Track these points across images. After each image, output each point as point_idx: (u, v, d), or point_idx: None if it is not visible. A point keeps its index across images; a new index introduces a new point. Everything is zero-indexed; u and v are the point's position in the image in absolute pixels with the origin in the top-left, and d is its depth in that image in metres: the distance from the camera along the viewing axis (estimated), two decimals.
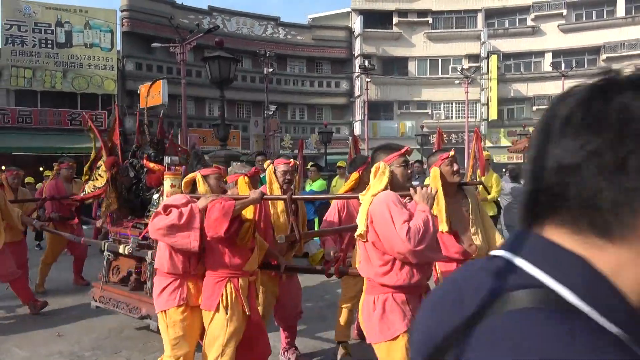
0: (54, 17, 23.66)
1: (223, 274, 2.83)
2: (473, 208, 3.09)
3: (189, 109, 25.58)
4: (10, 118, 22.57)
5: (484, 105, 31.01)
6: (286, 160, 3.76)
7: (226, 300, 2.77)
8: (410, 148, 2.94)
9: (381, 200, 2.30)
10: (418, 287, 2.36)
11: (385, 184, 2.41)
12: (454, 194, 3.07)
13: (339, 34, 31.88)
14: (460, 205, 3.09)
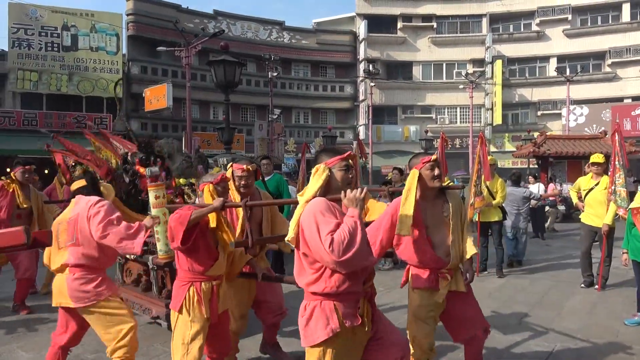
0: (60, 20, 23.83)
1: (187, 278, 2.97)
2: (454, 214, 3.02)
3: (194, 112, 25.66)
4: (15, 121, 22.69)
5: (488, 110, 30.96)
6: (241, 166, 3.69)
7: (188, 303, 2.91)
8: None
9: (309, 211, 2.27)
10: (351, 294, 2.29)
11: (321, 184, 2.38)
12: (433, 198, 3.04)
13: (344, 38, 31.95)
14: (441, 210, 3.03)
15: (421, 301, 3.08)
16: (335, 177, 2.44)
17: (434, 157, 3.00)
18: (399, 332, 2.60)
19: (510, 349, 4.23)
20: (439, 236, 3.01)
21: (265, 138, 22.78)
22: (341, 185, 2.43)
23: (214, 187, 3.17)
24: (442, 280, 3.02)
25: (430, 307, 3.06)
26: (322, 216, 2.21)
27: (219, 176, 3.26)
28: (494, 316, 5.18)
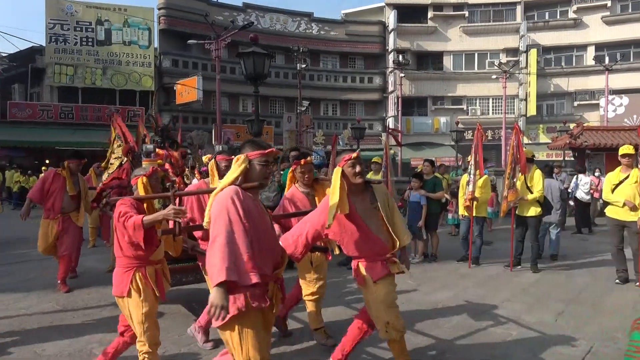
0: (94, 15, 24.38)
1: (131, 265, 3.16)
2: (382, 205, 3.20)
3: (223, 104, 25.89)
4: (53, 114, 23.43)
5: (522, 101, 30.14)
6: (225, 157, 4.08)
7: (137, 287, 3.12)
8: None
9: (221, 198, 2.41)
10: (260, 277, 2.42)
11: (238, 174, 2.50)
12: (360, 193, 3.21)
13: (373, 29, 31.58)
14: (369, 202, 3.21)
15: (387, 288, 3.19)
16: (254, 169, 2.55)
17: (354, 155, 3.17)
18: None
19: (546, 346, 4.10)
20: (374, 226, 3.19)
21: (293, 130, 22.81)
22: (258, 179, 2.55)
23: (147, 179, 3.37)
24: (391, 265, 3.23)
25: (393, 291, 3.24)
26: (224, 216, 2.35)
27: (150, 169, 3.49)
28: (528, 312, 5.04)
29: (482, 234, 7.55)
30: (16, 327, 4.62)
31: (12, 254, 8.61)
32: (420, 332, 4.45)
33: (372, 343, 4.06)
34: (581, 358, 3.85)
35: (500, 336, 4.34)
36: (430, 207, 7.74)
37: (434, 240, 7.91)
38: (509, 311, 5.08)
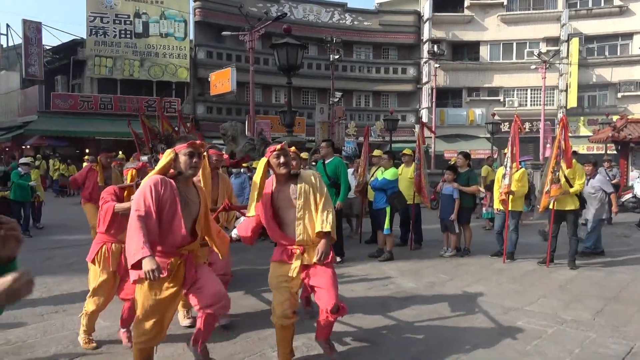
0: (132, 8, 24.94)
1: (102, 240, 3.82)
2: (300, 195, 3.34)
3: (256, 96, 26.10)
4: (93, 105, 24.19)
5: (562, 92, 29.13)
6: (216, 151, 4.66)
7: (100, 258, 3.78)
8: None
9: (144, 184, 2.96)
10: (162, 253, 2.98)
11: (164, 164, 3.00)
12: (284, 183, 3.40)
13: (407, 18, 31.10)
14: (289, 193, 3.37)
15: (273, 272, 3.45)
16: (179, 160, 3.02)
17: (279, 147, 3.36)
18: (220, 290, 3.16)
19: (582, 345, 3.99)
20: (289, 216, 3.37)
21: (326, 121, 22.77)
22: (185, 168, 3.02)
23: (136, 172, 3.97)
24: (294, 255, 3.37)
25: (280, 277, 3.38)
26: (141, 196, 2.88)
27: (139, 164, 4.21)
28: (565, 310, 4.91)
29: (517, 228, 7.38)
30: (59, 307, 4.84)
31: (52, 239, 8.99)
32: (451, 326, 4.41)
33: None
34: (621, 358, 3.72)
35: (535, 333, 4.25)
36: (464, 200, 7.61)
37: (466, 234, 7.78)
38: (544, 308, 4.96)
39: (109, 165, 6.78)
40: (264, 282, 3.78)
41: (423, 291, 5.59)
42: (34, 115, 23.86)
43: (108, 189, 3.92)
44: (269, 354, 3.78)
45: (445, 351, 3.85)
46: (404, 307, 5.00)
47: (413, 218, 8.09)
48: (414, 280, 6.08)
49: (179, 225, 2.98)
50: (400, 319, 4.61)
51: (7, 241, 1.35)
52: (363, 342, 4.04)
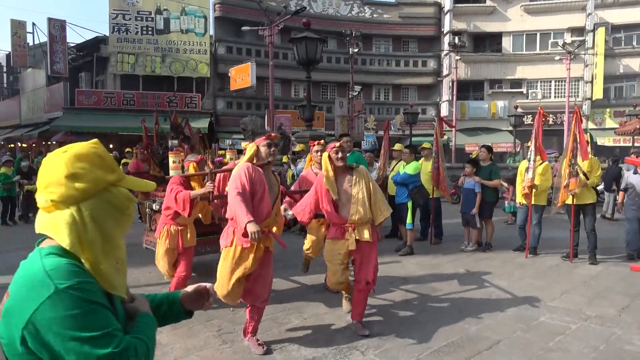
0: (153, 5, 25.20)
1: (165, 222, 4.62)
2: (355, 183, 4.07)
3: (276, 90, 26.14)
4: (116, 101, 24.58)
5: (587, 83, 28.40)
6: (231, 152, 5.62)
7: (162, 237, 4.58)
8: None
9: (236, 170, 3.69)
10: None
11: (250, 155, 3.76)
12: (341, 173, 4.13)
13: (428, 10, 30.67)
14: (347, 182, 4.09)
15: (328, 247, 4.22)
16: (260, 151, 3.80)
17: (338, 144, 4.12)
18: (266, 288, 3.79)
19: (607, 341, 3.92)
20: (345, 199, 4.08)
21: (345, 115, 22.71)
22: (265, 157, 3.79)
23: (196, 164, 4.83)
24: (346, 232, 4.07)
25: (334, 251, 4.14)
26: (236, 181, 3.56)
27: (199, 157, 4.99)
28: (589, 306, 4.83)
29: (540, 222, 7.27)
30: None
31: None
32: (473, 322, 4.38)
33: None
34: None
35: (558, 329, 4.19)
36: (486, 194, 7.52)
37: (488, 229, 7.69)
38: (567, 303, 4.89)
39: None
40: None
41: (444, 286, 5.56)
42: (59, 111, 24.37)
43: (174, 178, 4.56)
44: (289, 347, 3.82)
45: (468, 346, 3.83)
46: (425, 302, 4.99)
47: (433, 212, 8.03)
48: (434, 276, 6.05)
49: (267, 202, 3.68)
50: (421, 315, 4.60)
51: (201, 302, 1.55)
52: (384, 337, 4.05)
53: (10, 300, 1.07)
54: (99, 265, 1.14)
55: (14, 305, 1.05)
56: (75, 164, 1.15)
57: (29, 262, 1.11)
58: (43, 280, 1.05)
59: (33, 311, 1.02)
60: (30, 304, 1.03)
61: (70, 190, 1.13)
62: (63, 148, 1.19)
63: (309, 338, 4.01)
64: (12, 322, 1.04)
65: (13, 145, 28.32)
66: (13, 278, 1.10)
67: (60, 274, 1.06)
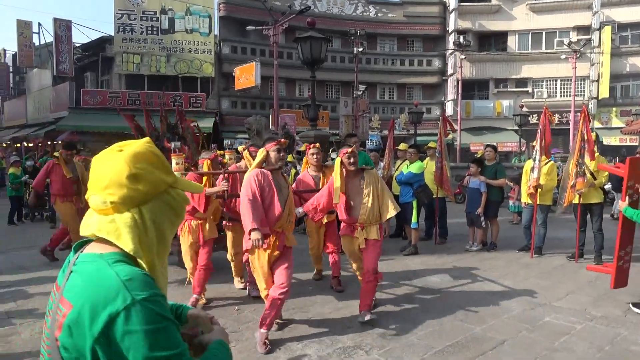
0: (158, 5, 25.26)
1: (185, 217, 4.45)
2: (366, 185, 4.39)
3: (280, 90, 26.16)
4: (121, 100, 24.66)
5: (593, 82, 28.24)
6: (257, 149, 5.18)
7: (183, 232, 4.86)
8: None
9: (247, 176, 3.98)
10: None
11: (259, 160, 4.05)
12: (353, 176, 4.44)
13: (432, 9, 30.59)
14: (358, 183, 4.41)
15: (345, 243, 4.65)
16: (270, 156, 4.08)
17: (350, 150, 4.41)
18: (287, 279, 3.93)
19: (614, 342, 3.90)
20: (357, 201, 4.41)
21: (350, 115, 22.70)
22: (275, 162, 4.08)
23: (210, 161, 5.06)
24: (356, 230, 4.45)
25: (351, 247, 4.57)
26: (247, 188, 3.86)
27: (212, 155, 5.17)
28: (594, 306, 4.81)
29: (546, 222, 7.23)
30: None
31: None
32: (478, 322, 4.37)
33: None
34: None
35: (563, 329, 4.18)
36: (491, 194, 7.50)
37: (493, 229, 7.67)
38: (573, 304, 4.87)
39: (70, 160, 7.12)
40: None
41: (448, 286, 5.55)
42: (64, 111, 24.49)
43: (189, 175, 4.74)
44: (293, 346, 3.83)
45: (472, 347, 3.82)
46: (429, 302, 4.98)
47: (437, 212, 8.01)
48: (438, 275, 6.04)
49: (277, 206, 3.96)
50: (425, 314, 4.59)
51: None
52: (388, 337, 4.05)
53: (76, 311, 0.97)
54: (154, 269, 1.10)
55: (82, 316, 0.96)
56: (135, 164, 1.09)
57: (95, 270, 1.02)
58: (119, 290, 0.97)
59: (106, 323, 0.95)
60: (104, 315, 0.95)
61: (132, 192, 1.08)
62: (116, 146, 1.13)
63: (313, 337, 4.02)
64: (81, 334, 0.96)
65: (19, 145, 28.48)
66: (69, 287, 1.01)
67: (136, 284, 0.99)
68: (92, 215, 1.11)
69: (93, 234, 1.09)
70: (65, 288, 1.02)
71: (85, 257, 1.06)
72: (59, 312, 1.00)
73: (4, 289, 5.51)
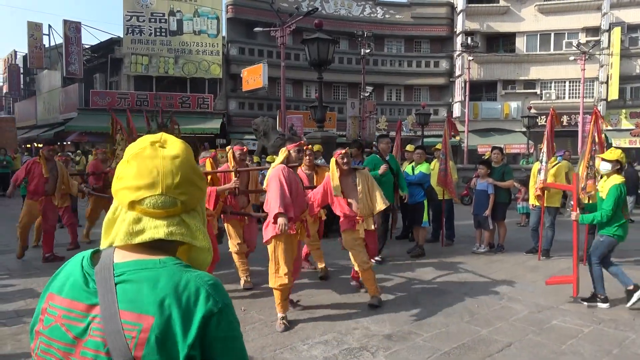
0: (167, 7, 25.42)
1: None
2: (360, 183, 4.91)
3: (287, 91, 26.23)
4: (130, 101, 24.84)
5: (602, 84, 28.02)
6: (241, 147, 5.61)
7: None
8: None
9: (274, 171, 4.32)
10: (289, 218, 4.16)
11: (282, 159, 4.45)
12: (347, 175, 4.94)
13: (440, 10, 30.53)
14: (352, 181, 4.93)
15: (347, 236, 4.97)
16: (291, 155, 4.50)
17: (344, 151, 4.92)
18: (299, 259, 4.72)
19: (623, 346, 3.88)
20: (352, 197, 4.93)
21: (357, 116, 22.71)
22: (295, 160, 4.54)
23: (212, 160, 5.44)
24: (357, 224, 4.91)
25: (353, 239, 4.92)
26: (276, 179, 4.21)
27: (213, 153, 5.46)
28: (602, 309, 4.77)
29: (554, 224, 7.19)
30: None
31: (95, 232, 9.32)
32: (485, 324, 4.35)
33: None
34: None
35: (570, 332, 4.15)
36: (499, 196, 7.46)
37: (501, 231, 7.64)
38: (581, 307, 4.84)
39: (51, 158, 7.14)
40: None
41: (455, 288, 5.54)
42: (74, 112, 24.71)
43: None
44: (299, 347, 3.83)
45: (479, 349, 3.81)
46: (436, 304, 4.97)
47: (443, 214, 7.99)
48: (445, 277, 6.02)
49: (302, 197, 4.57)
50: (432, 317, 4.58)
51: None
52: (394, 338, 4.05)
53: (162, 320, 0.89)
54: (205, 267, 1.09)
55: (173, 324, 0.89)
56: (194, 161, 1.06)
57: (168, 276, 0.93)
58: (207, 294, 0.92)
59: (201, 325, 0.89)
60: (197, 318, 0.90)
61: (199, 191, 1.04)
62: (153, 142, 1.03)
63: (319, 338, 4.02)
64: (174, 343, 0.88)
65: (30, 145, 28.77)
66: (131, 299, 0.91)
67: (220, 289, 0.95)
68: (139, 220, 0.99)
69: (152, 238, 0.98)
70: (124, 300, 0.91)
71: (137, 265, 0.96)
72: (131, 329, 0.89)
73: (14, 287, 5.57)
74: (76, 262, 1.01)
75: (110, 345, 0.88)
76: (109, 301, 0.91)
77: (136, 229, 0.98)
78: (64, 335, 0.93)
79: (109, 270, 0.95)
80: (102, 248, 1.02)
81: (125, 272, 0.94)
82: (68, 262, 1.04)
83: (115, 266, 0.96)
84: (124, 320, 0.89)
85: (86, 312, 0.93)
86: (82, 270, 0.98)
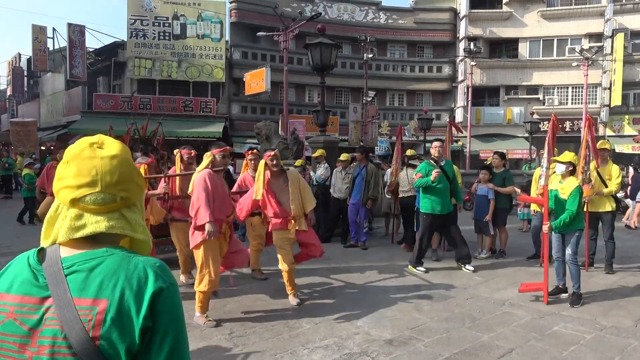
0: (171, 10, 25.53)
1: None
2: (291, 183, 5.04)
3: (290, 95, 26.26)
4: (133, 105, 24.89)
5: (605, 90, 27.98)
6: (188, 151, 5.82)
7: None
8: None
9: (198, 177, 4.45)
10: (216, 220, 4.37)
11: (207, 163, 4.54)
12: (278, 176, 5.07)
13: (443, 16, 30.58)
14: (282, 182, 5.06)
15: (277, 236, 5.09)
16: (216, 159, 4.59)
17: (273, 153, 5.05)
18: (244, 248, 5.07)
19: (625, 353, 3.86)
20: (283, 198, 5.03)
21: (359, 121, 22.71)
22: (220, 164, 4.61)
23: (147, 166, 5.53)
24: (289, 223, 5.02)
25: (283, 239, 5.06)
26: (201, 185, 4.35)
27: (150, 160, 5.61)
28: (605, 315, 4.75)
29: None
30: None
31: None
32: (486, 330, 4.34)
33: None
34: None
35: (572, 338, 4.14)
36: (499, 201, 7.45)
37: (502, 236, 7.62)
38: (583, 313, 4.82)
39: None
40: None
41: (456, 293, 5.52)
42: (77, 115, 24.77)
43: None
44: (300, 352, 3.83)
45: (479, 355, 3.80)
46: (437, 309, 4.96)
47: None
48: (446, 282, 6.01)
49: (228, 201, 4.69)
50: (433, 322, 4.57)
51: None
52: (395, 344, 4.04)
53: (116, 302, 0.94)
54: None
55: (127, 304, 0.95)
56: (132, 160, 1.13)
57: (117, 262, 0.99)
58: (155, 274, 0.99)
59: (152, 299, 0.95)
60: (148, 293, 0.96)
61: (137, 188, 1.10)
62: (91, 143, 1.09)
63: (320, 343, 4.02)
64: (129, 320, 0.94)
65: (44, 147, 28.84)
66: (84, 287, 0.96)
67: (166, 271, 1.03)
68: (81, 216, 1.04)
69: (94, 232, 1.03)
70: (76, 289, 0.96)
71: (84, 256, 1.01)
72: (86, 314, 0.94)
73: None
74: (21, 261, 1.04)
75: (67, 331, 0.93)
76: (62, 290, 0.96)
77: (78, 224, 1.03)
78: (17, 328, 0.96)
79: (58, 264, 0.99)
80: (45, 246, 1.05)
81: (75, 263, 0.99)
82: (11, 263, 1.06)
83: (63, 260, 1.00)
84: (78, 306, 0.94)
85: (39, 304, 0.97)
86: (29, 267, 1.01)
